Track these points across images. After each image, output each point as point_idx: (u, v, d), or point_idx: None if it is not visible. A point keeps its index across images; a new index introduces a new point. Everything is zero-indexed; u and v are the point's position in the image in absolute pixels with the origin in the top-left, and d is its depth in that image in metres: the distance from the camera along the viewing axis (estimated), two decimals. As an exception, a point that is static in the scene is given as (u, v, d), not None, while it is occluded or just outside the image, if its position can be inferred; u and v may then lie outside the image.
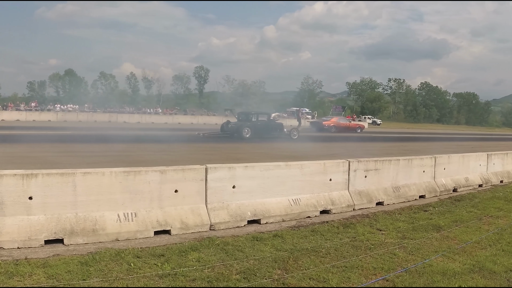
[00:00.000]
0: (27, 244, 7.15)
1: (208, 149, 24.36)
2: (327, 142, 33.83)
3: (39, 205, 7.30)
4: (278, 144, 28.53)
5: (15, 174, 7.28)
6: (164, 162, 13.04)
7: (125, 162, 14.87)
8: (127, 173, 7.92)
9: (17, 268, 6.12)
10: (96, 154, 19.63)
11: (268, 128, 33.78)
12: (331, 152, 24.21)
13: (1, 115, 55.63)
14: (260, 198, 9.15)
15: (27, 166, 8.47)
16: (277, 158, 18.18)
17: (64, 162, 15.12)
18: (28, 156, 17.86)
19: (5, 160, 16.22)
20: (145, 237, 7.75)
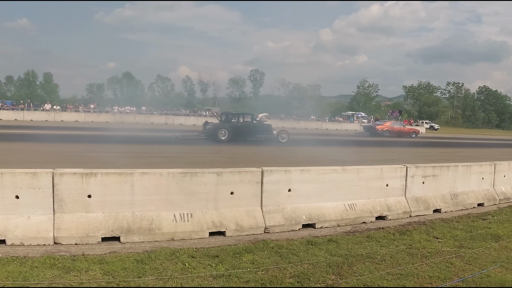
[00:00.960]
0: (84, 240, 7.33)
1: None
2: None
3: (97, 203, 7.49)
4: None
5: (75, 173, 7.48)
6: (219, 164, 13.10)
7: (181, 163, 15.00)
8: (183, 174, 8.00)
9: (74, 264, 6.28)
10: (152, 155, 19.89)
11: (252, 130, 30.96)
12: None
13: (61, 116, 57.07)
14: (315, 202, 9.07)
15: (84, 165, 8.64)
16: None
17: (120, 162, 15.34)
18: (85, 156, 18.26)
19: (63, 159, 16.63)
20: (200, 238, 7.81)
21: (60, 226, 7.35)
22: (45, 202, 7.38)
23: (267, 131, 31.23)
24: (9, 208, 7.36)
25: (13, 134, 28.78)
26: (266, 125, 31.94)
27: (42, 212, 7.38)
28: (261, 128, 31.31)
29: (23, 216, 7.37)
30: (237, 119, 31.04)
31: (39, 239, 7.27)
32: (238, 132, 30.01)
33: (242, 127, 30.55)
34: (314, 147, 27.52)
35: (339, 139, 37.40)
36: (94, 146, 23.10)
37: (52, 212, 7.42)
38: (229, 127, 29.87)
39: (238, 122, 30.79)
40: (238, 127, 30.31)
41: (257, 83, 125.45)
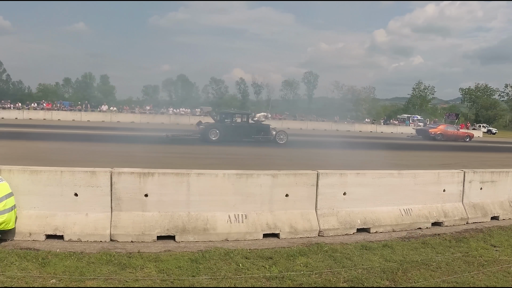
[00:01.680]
0: (140, 238, 7.47)
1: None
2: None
3: (154, 203, 7.63)
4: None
5: (133, 172, 7.63)
6: (274, 166, 13.09)
7: (236, 165, 15.08)
8: (239, 176, 8.03)
9: (130, 261, 6.40)
10: (209, 156, 20.05)
11: (247, 131, 29.39)
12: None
13: (117, 117, 58.26)
14: (370, 206, 8.95)
15: (141, 165, 8.76)
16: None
17: (177, 163, 15.54)
18: (142, 156, 18.53)
19: (121, 159, 16.94)
20: (254, 239, 7.82)
21: (117, 224, 7.51)
22: (103, 200, 7.57)
23: (264, 132, 29.90)
24: (68, 205, 7.58)
25: (71, 134, 29.52)
26: (264, 125, 30.70)
27: (100, 210, 7.57)
28: (258, 128, 30.04)
29: (82, 213, 7.56)
30: (231, 119, 29.92)
31: (96, 236, 7.44)
32: (231, 133, 28.85)
33: (236, 128, 29.30)
34: (365, 150, 27.24)
35: (390, 143, 37.03)
36: (150, 146, 23.44)
37: (110, 210, 7.60)
38: (221, 127, 29.02)
39: (231, 122, 29.62)
40: (231, 127, 29.17)
41: (311, 85, 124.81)
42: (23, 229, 7.52)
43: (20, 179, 7.64)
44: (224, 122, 29.54)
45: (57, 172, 7.65)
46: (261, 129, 29.87)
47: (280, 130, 31.07)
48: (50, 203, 7.61)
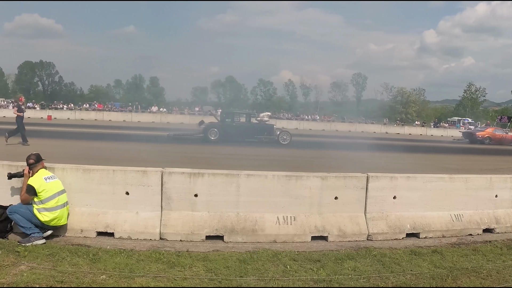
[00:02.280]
0: (189, 238, 7.55)
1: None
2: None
3: (203, 203, 7.70)
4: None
5: (183, 172, 7.73)
6: (321, 169, 13.02)
7: (284, 167, 15.07)
8: (289, 177, 8.02)
9: (178, 259, 6.47)
10: (256, 157, 20.05)
11: (249, 131, 28.63)
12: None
13: (167, 117, 58.89)
14: (420, 211, 8.79)
15: (190, 165, 8.83)
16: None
17: (226, 163, 15.58)
18: (191, 156, 18.70)
19: (171, 159, 17.14)
20: (302, 241, 7.79)
21: (167, 223, 7.61)
22: (154, 199, 7.70)
23: (268, 132, 29.05)
24: (119, 204, 7.74)
25: (122, 135, 29.93)
26: (267, 125, 29.92)
27: (150, 209, 7.69)
28: (261, 128, 29.26)
29: (132, 212, 7.69)
30: (232, 118, 29.25)
31: (146, 234, 7.56)
32: (232, 133, 28.18)
33: (237, 127, 28.60)
34: (411, 154, 26.84)
35: (436, 146, 36.34)
36: (199, 147, 23.60)
37: (160, 209, 7.71)
38: (220, 127, 28.62)
39: (232, 121, 28.96)
40: (231, 127, 28.50)
41: (360, 87, 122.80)
42: (75, 225, 7.71)
43: (73, 177, 7.84)
44: (225, 122, 29.09)
45: (109, 171, 7.82)
46: (264, 129, 29.22)
47: (282, 131, 30.31)
48: (102, 201, 7.78)
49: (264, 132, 28.80)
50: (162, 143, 25.21)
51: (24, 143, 20.58)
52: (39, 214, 7.26)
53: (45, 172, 7.56)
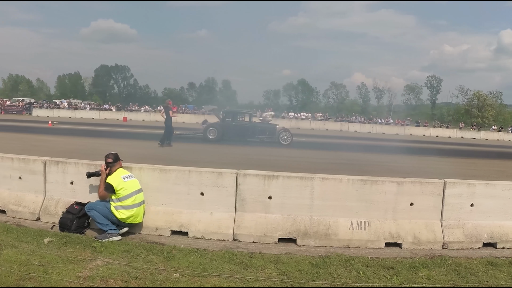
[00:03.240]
0: (262, 239, 7.57)
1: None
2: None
3: (277, 205, 7.72)
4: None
5: (258, 174, 7.78)
6: (391, 173, 12.81)
7: (356, 171, 14.90)
8: (363, 182, 7.91)
9: (251, 261, 6.49)
10: (328, 161, 19.94)
11: (250, 130, 28.40)
12: None
13: (238, 120, 59.33)
14: (498, 219, 8.44)
15: (264, 168, 8.88)
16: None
17: (296, 166, 15.59)
18: (263, 159, 18.76)
19: (244, 161, 17.25)
20: (375, 247, 7.67)
21: (240, 224, 7.67)
22: (228, 200, 7.79)
23: (270, 132, 28.67)
24: (194, 204, 7.87)
25: (194, 137, 30.24)
26: (270, 125, 29.63)
27: (224, 210, 7.78)
28: (263, 128, 28.99)
29: (206, 212, 7.80)
30: (232, 117, 28.99)
31: (219, 235, 7.65)
32: (232, 132, 28.28)
33: (237, 127, 28.47)
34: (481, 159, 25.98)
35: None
36: (273, 150, 23.63)
37: (234, 210, 7.79)
38: (220, 126, 28.47)
39: (233, 121, 28.73)
40: (232, 127, 28.41)
41: (434, 89, 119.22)
42: (150, 224, 7.89)
43: (150, 177, 8.04)
44: (224, 121, 28.86)
45: (185, 171, 7.97)
46: (266, 129, 28.94)
47: (283, 130, 29.64)
48: (177, 201, 7.95)
49: (266, 132, 28.56)
50: (235, 145, 25.34)
51: (165, 144, 21.89)
52: (116, 212, 7.47)
53: (123, 171, 7.79)
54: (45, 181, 8.79)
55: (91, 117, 58.04)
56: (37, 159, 8.96)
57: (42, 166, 8.79)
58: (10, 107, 69.93)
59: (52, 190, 8.75)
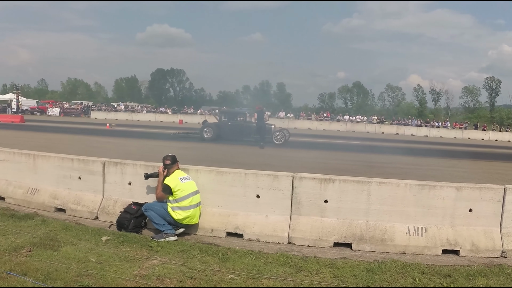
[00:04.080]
0: (317, 243, 7.54)
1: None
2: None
3: (333, 209, 7.66)
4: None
5: (314, 178, 7.75)
6: (450, 178, 12.56)
7: (414, 176, 14.69)
8: (421, 187, 7.75)
9: (306, 264, 6.45)
10: (384, 165, 19.72)
11: (245, 130, 28.86)
12: None
13: (294, 123, 59.34)
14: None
15: (319, 171, 8.83)
16: None
17: (353, 170, 15.47)
18: (319, 162, 18.70)
19: (299, 164, 17.23)
20: (432, 254, 7.50)
21: (295, 227, 7.66)
22: (283, 203, 7.79)
23: (267, 132, 28.58)
24: (249, 206, 7.93)
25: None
26: (265, 125, 29.27)
27: (279, 213, 7.79)
28: (258, 128, 28.73)
29: (262, 214, 7.83)
30: (228, 118, 29.90)
31: (274, 237, 7.67)
32: (228, 132, 28.92)
33: (232, 127, 29.08)
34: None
35: None
36: (327, 153, 23.54)
37: (289, 213, 7.79)
38: (216, 126, 29.37)
39: (228, 121, 29.55)
40: (227, 126, 29.15)
41: (493, 91, 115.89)
42: (206, 225, 8.00)
43: (206, 178, 8.14)
44: (221, 121, 29.94)
45: (241, 174, 8.05)
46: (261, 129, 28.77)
47: (277, 130, 29.74)
48: (233, 203, 8.03)
49: (260, 132, 28.35)
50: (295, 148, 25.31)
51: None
52: (173, 212, 7.58)
53: (180, 173, 7.90)
54: (103, 182, 9.03)
55: (148, 120, 58.96)
56: (96, 160, 9.20)
57: (101, 167, 9.02)
58: (69, 109, 72.44)
59: (111, 190, 8.97)
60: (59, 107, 72.54)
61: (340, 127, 58.45)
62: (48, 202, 9.53)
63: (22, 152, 10.60)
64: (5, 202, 10.06)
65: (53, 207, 9.42)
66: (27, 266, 6.00)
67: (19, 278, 5.60)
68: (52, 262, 6.20)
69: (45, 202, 9.57)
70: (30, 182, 10.07)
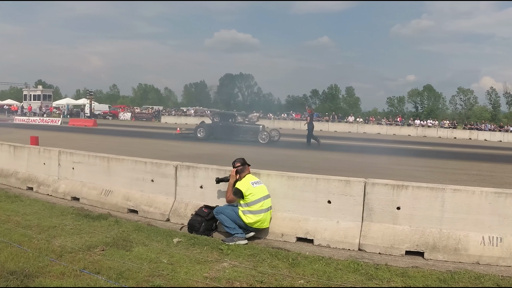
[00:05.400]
0: (388, 251, 7.40)
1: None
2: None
3: (405, 216, 7.50)
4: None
5: (387, 184, 7.63)
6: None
7: (489, 183, 14.29)
8: (498, 194, 7.42)
9: (376, 272, 6.33)
10: (458, 171, 19.24)
11: (235, 130, 30.97)
12: None
13: (363, 128, 58.79)
14: None
15: (390, 177, 8.74)
16: None
17: (425, 176, 15.17)
18: (389, 168, 18.45)
19: (369, 170, 17.05)
20: (507, 265, 7.17)
21: (366, 234, 7.56)
22: (355, 209, 7.71)
23: (253, 132, 30.69)
24: (320, 212, 7.90)
25: (324, 144, 30.22)
26: (253, 126, 31.70)
27: (351, 219, 7.72)
28: (246, 129, 31.19)
29: (333, 220, 7.79)
30: (220, 119, 32.28)
31: (345, 244, 7.59)
32: (219, 132, 31.18)
33: (223, 127, 31.23)
34: None
35: None
36: (397, 158, 23.18)
37: (360, 219, 7.70)
38: (207, 127, 32.05)
39: (220, 122, 31.83)
40: (218, 127, 31.46)
41: None
42: (276, 229, 8.02)
43: (278, 183, 8.18)
44: (213, 122, 32.59)
45: (313, 179, 8.02)
46: (249, 129, 31.09)
47: (262, 130, 30.93)
48: (303, 208, 8.02)
49: (249, 132, 30.78)
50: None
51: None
52: (244, 216, 7.64)
53: (252, 177, 7.97)
54: (176, 184, 9.21)
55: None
56: (169, 163, 9.39)
57: (173, 170, 9.20)
58: (140, 114, 74.49)
59: (182, 193, 9.15)
60: (131, 111, 74.52)
61: (410, 132, 57.26)
62: (121, 203, 9.81)
63: (96, 155, 10.96)
64: (80, 203, 10.43)
65: (126, 208, 9.69)
66: (100, 264, 6.22)
67: (92, 276, 5.79)
68: (125, 261, 6.38)
69: (118, 203, 9.85)
70: (104, 184, 10.40)
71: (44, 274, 5.84)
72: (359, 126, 60.10)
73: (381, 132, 56.78)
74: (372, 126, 61.89)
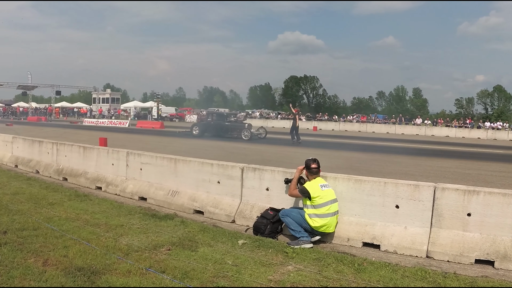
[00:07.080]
0: (457, 259, 7.17)
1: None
2: None
3: (476, 223, 7.23)
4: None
5: (457, 189, 7.40)
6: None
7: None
8: None
9: (445, 281, 6.15)
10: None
11: (223, 128, 34.40)
12: None
13: (431, 130, 57.43)
14: None
15: (459, 182, 8.48)
16: None
17: (497, 181, 14.72)
18: (459, 172, 17.98)
19: (439, 174, 16.68)
20: None
21: (435, 241, 7.36)
22: (424, 215, 7.51)
23: (239, 130, 33.59)
24: (388, 216, 7.76)
25: (385, 147, 29.97)
26: (239, 124, 34.85)
27: (419, 224, 7.53)
28: (233, 127, 34.33)
29: (400, 226, 7.63)
30: (211, 118, 36.82)
31: (412, 250, 7.41)
32: (210, 130, 34.88)
33: (213, 125, 35.04)
34: None
35: None
36: (467, 162, 22.57)
37: (429, 225, 7.50)
38: (201, 125, 36.84)
39: (212, 121, 35.99)
40: (210, 125, 35.44)
41: None
42: (342, 234, 7.95)
43: (345, 186, 8.10)
44: (206, 121, 37.45)
45: (380, 183, 7.90)
46: (236, 127, 34.17)
47: (246, 127, 33.75)
48: (370, 212, 7.90)
49: (236, 130, 33.84)
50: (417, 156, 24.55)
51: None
52: (310, 220, 7.60)
53: (321, 180, 7.95)
54: (241, 186, 9.26)
55: (282, 126, 59.52)
56: (235, 165, 9.45)
57: (239, 172, 9.25)
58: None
59: (248, 195, 9.19)
60: (197, 113, 75.50)
61: (480, 135, 55.50)
62: (187, 204, 9.94)
63: (164, 156, 11.14)
64: (147, 203, 10.63)
65: (192, 209, 9.82)
66: (165, 264, 6.35)
67: (158, 275, 5.91)
68: (190, 261, 6.49)
69: (184, 204, 9.99)
70: (171, 185, 10.58)
71: (110, 271, 6.01)
72: (427, 129, 58.75)
73: (450, 134, 55.24)
74: (440, 129, 60.28)
